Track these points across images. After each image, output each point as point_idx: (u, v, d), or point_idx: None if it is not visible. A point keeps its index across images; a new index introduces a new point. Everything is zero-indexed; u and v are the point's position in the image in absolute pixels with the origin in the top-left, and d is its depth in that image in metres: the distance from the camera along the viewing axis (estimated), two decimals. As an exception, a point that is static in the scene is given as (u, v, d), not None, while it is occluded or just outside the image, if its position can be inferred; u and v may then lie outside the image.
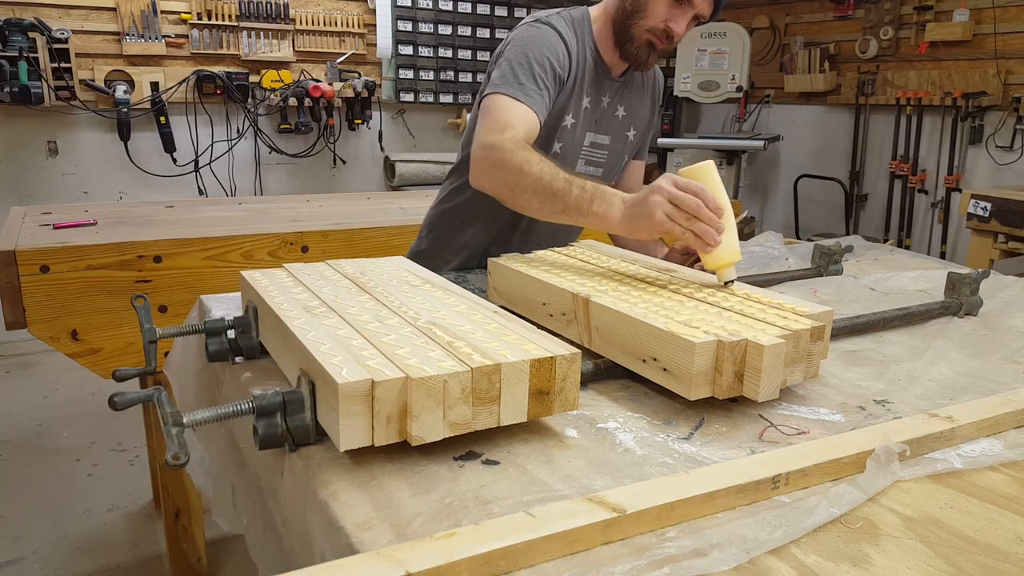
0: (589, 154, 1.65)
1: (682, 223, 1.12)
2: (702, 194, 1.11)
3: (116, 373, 1.02)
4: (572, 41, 1.52)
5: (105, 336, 1.95)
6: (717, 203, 1.11)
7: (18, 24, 3.68)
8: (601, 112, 1.62)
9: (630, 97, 1.67)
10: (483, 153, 1.35)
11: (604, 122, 1.64)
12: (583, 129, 1.61)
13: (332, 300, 1.02)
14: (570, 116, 1.56)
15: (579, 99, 1.56)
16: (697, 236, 1.12)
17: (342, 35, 4.60)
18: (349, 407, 0.73)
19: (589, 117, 1.60)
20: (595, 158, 1.66)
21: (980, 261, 3.41)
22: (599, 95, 1.60)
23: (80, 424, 3.20)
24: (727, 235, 1.12)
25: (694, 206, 1.10)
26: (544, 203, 1.27)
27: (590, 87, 1.58)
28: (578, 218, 1.25)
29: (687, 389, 0.90)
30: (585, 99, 1.58)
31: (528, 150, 1.30)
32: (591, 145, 1.64)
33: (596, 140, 1.64)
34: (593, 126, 1.62)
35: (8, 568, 2.24)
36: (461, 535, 0.62)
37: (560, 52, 1.47)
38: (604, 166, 1.68)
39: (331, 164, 4.76)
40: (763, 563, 0.64)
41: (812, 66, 5.02)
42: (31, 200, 3.99)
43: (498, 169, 1.32)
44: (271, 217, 2.41)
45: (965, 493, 0.77)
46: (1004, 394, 0.98)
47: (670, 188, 1.12)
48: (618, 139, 1.68)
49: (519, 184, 1.28)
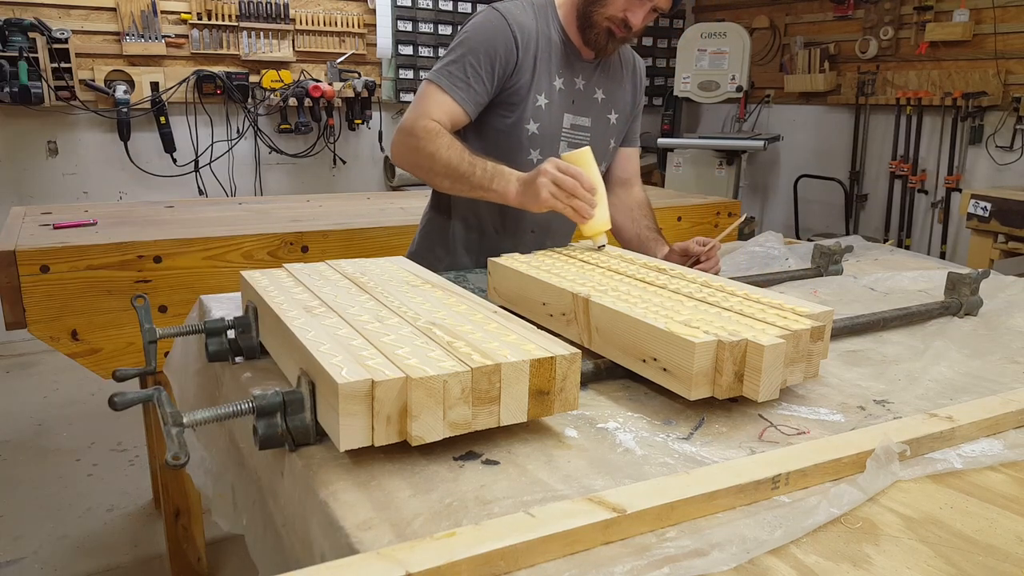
0: (570, 136, 1.68)
1: (563, 200, 1.34)
2: (579, 176, 1.33)
3: (116, 373, 1.02)
4: (529, 24, 1.58)
5: (105, 336, 1.95)
6: (591, 183, 1.35)
7: (18, 24, 3.68)
8: (577, 93, 1.66)
9: (608, 81, 1.71)
10: (402, 138, 1.53)
11: (582, 104, 1.68)
12: (559, 110, 1.64)
13: (332, 300, 1.02)
14: (542, 96, 1.61)
15: (548, 79, 1.61)
16: (575, 211, 1.35)
17: (342, 35, 4.60)
18: (349, 407, 0.73)
19: (564, 98, 1.64)
20: (577, 140, 1.69)
21: (980, 261, 3.41)
22: (572, 76, 1.64)
23: (80, 424, 3.20)
24: (599, 209, 1.37)
25: (572, 186, 1.33)
26: (454, 183, 1.49)
27: (561, 68, 1.62)
28: (482, 194, 1.46)
29: (687, 389, 0.90)
30: (557, 79, 1.62)
31: (439, 137, 1.48)
32: (571, 127, 1.68)
33: (576, 122, 1.68)
34: (571, 107, 1.66)
35: (8, 568, 2.24)
36: (461, 535, 0.62)
37: (505, 41, 1.55)
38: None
39: (331, 164, 4.76)
40: (763, 563, 0.64)
41: (812, 66, 5.02)
42: (31, 200, 3.99)
43: (413, 153, 1.52)
44: (271, 217, 2.41)
45: (965, 493, 0.77)
46: (1004, 394, 0.98)
47: (553, 171, 1.34)
48: (599, 121, 1.71)
49: (431, 168, 1.49)
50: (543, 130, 1.63)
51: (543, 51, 1.59)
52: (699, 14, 5.89)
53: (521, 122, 1.60)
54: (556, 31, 1.62)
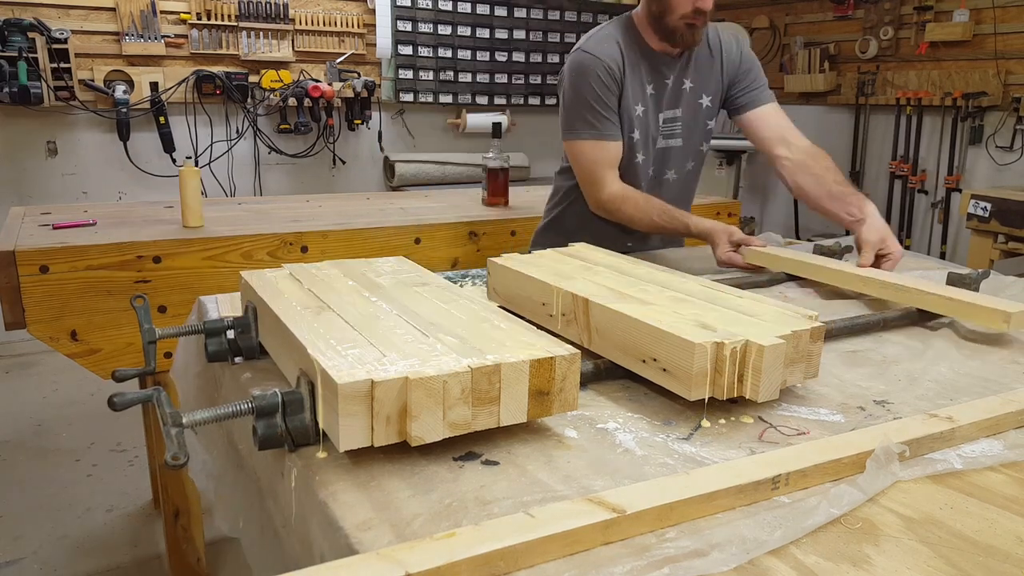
0: (666, 129, 1.85)
1: None
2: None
3: (115, 373, 1.02)
4: (614, 54, 1.74)
5: (105, 336, 1.95)
6: None
7: (17, 24, 3.67)
8: (667, 90, 1.82)
9: (696, 70, 1.83)
10: (597, 207, 1.83)
11: (672, 98, 1.83)
12: (654, 112, 1.82)
13: (331, 300, 1.02)
14: (639, 106, 1.78)
15: (642, 90, 1.78)
16: None
17: (342, 35, 4.60)
18: (349, 407, 0.73)
19: (657, 100, 1.81)
20: (672, 131, 1.86)
21: (980, 261, 3.41)
22: (661, 79, 1.80)
23: (79, 424, 3.20)
24: None
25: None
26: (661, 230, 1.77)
27: (650, 75, 1.79)
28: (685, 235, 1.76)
29: (687, 389, 0.90)
30: (648, 87, 1.79)
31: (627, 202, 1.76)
32: (665, 122, 1.84)
33: (667, 116, 1.84)
34: (663, 105, 1.83)
35: (8, 568, 2.24)
36: (461, 535, 0.62)
37: (606, 74, 1.72)
38: (682, 136, 1.88)
39: (331, 164, 4.75)
40: (763, 563, 0.64)
41: (812, 66, 5.02)
42: (30, 200, 3.99)
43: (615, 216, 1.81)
44: (270, 217, 2.41)
45: (965, 494, 0.77)
46: (1004, 394, 0.98)
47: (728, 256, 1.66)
48: (690, 109, 1.85)
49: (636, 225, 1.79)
50: (643, 134, 1.81)
51: (632, 69, 1.76)
52: (699, 14, 5.88)
53: (627, 132, 1.79)
54: (638, 44, 1.77)
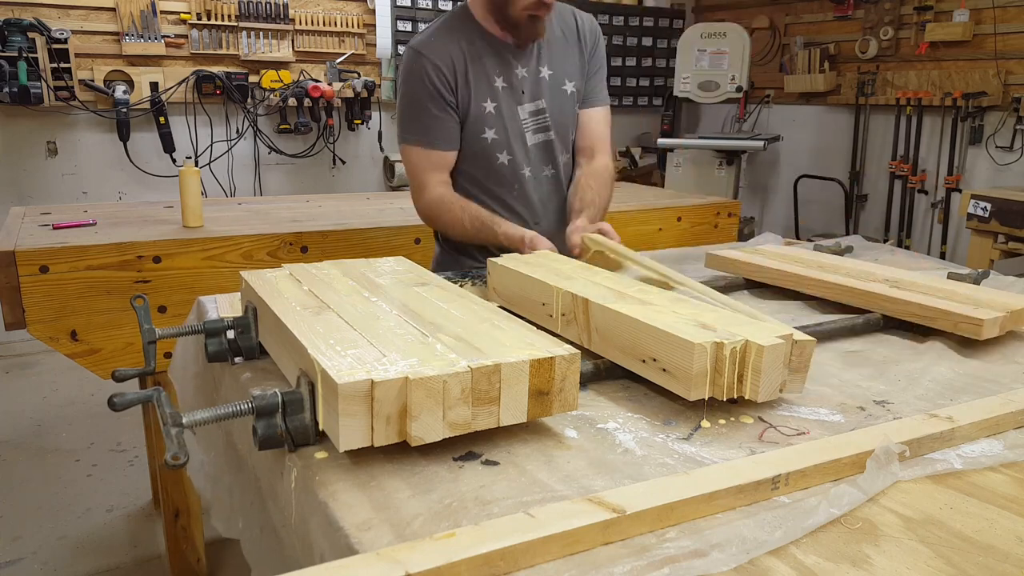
0: (534, 123, 1.71)
1: None
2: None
3: (115, 373, 1.02)
4: (448, 48, 1.63)
5: (104, 336, 1.95)
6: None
7: (17, 24, 3.67)
8: (523, 82, 1.69)
9: (552, 55, 1.72)
10: (424, 216, 1.75)
11: (532, 89, 1.70)
12: (511, 106, 1.68)
13: (331, 300, 1.02)
14: (488, 102, 1.66)
15: (487, 84, 1.66)
16: None
17: (342, 35, 4.60)
18: (349, 407, 0.73)
19: (512, 93, 1.68)
20: (539, 124, 1.72)
21: (980, 261, 3.41)
22: (510, 70, 1.67)
23: (79, 424, 3.20)
24: None
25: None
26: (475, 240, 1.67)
27: (497, 68, 1.66)
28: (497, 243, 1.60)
29: (686, 390, 0.90)
30: (497, 80, 1.66)
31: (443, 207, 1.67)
32: (529, 115, 1.70)
33: (532, 108, 1.70)
34: (521, 98, 1.69)
35: (7, 568, 2.24)
36: (461, 536, 0.62)
37: (434, 75, 1.62)
38: (553, 128, 1.74)
39: (330, 164, 4.75)
40: (763, 564, 0.64)
41: (812, 66, 5.02)
42: (30, 200, 3.99)
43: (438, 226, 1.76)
44: (270, 217, 2.40)
45: (965, 493, 0.77)
46: (1004, 394, 0.98)
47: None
48: (555, 98, 1.73)
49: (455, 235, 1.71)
50: (501, 132, 1.68)
51: (475, 63, 1.64)
52: (699, 14, 5.89)
53: (478, 133, 1.68)
54: (480, 37, 1.65)
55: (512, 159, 1.71)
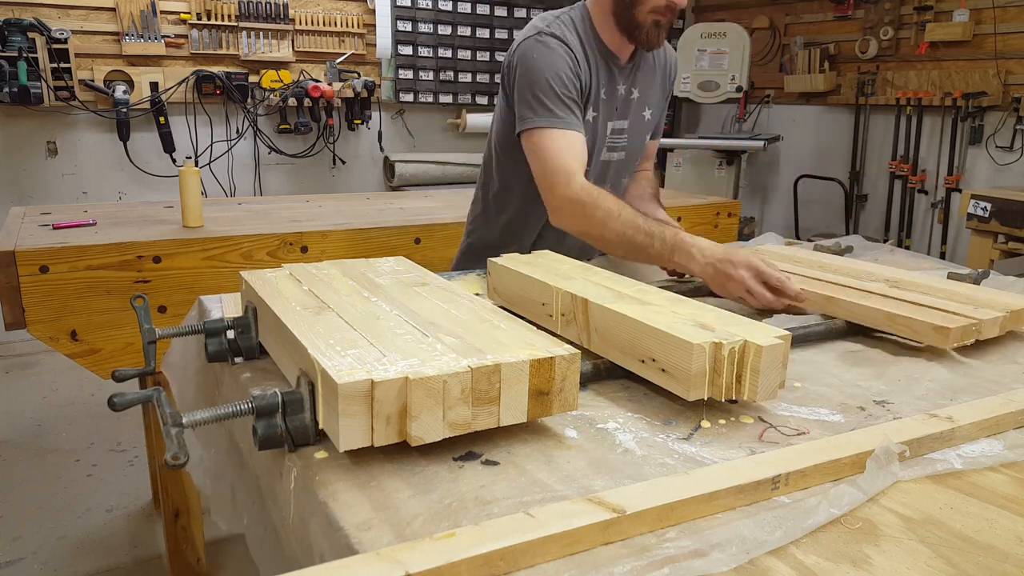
0: (611, 142, 1.70)
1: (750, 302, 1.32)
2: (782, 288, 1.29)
3: (115, 373, 1.02)
4: (577, 44, 1.57)
5: (104, 336, 1.95)
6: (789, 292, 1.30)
7: (17, 24, 3.67)
8: (618, 98, 1.66)
9: (642, 79, 1.71)
10: (563, 204, 1.50)
11: (622, 108, 1.68)
12: (604, 120, 1.65)
13: (331, 300, 1.02)
14: (591, 110, 1.62)
15: (596, 93, 1.61)
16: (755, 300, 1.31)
17: (342, 35, 4.60)
18: (349, 407, 0.73)
19: (608, 107, 1.65)
20: (617, 144, 1.71)
21: (980, 261, 3.41)
22: (613, 84, 1.64)
23: (79, 424, 3.19)
24: None
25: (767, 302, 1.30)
26: (628, 253, 1.46)
27: (603, 77, 1.62)
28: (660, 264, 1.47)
29: (685, 390, 0.90)
30: (601, 91, 1.62)
31: (606, 202, 1.45)
32: (611, 132, 1.68)
33: (616, 127, 1.69)
34: (613, 114, 1.67)
35: (7, 569, 2.24)
36: (461, 536, 0.62)
37: (570, 61, 1.53)
38: (626, 149, 1.73)
39: (330, 164, 4.75)
40: (763, 564, 0.64)
41: (812, 66, 5.02)
42: (30, 200, 3.99)
43: (582, 222, 1.48)
44: (270, 217, 2.40)
45: (965, 494, 0.77)
46: (1004, 394, 0.98)
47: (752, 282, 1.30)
48: (636, 121, 1.73)
49: (603, 237, 1.47)
50: (589, 142, 1.60)
51: (592, 64, 1.59)
52: (699, 14, 5.89)
53: None
54: (595, 43, 1.61)
55: (589, 171, 1.62)
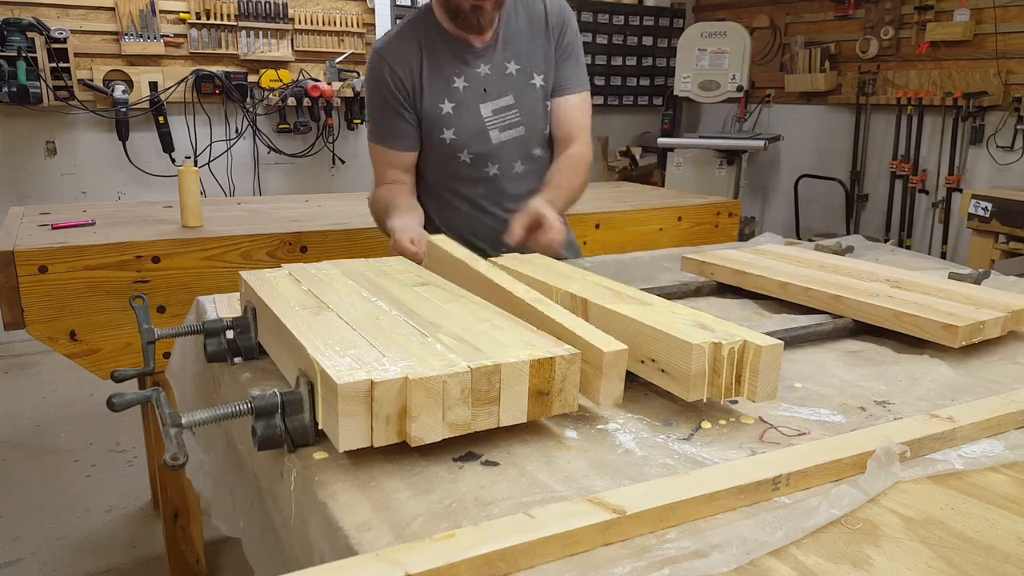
0: (500, 120, 1.70)
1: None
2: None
3: (115, 374, 1.01)
4: (407, 50, 1.65)
5: (104, 336, 1.95)
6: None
7: (17, 24, 3.67)
8: (486, 80, 1.68)
9: (518, 49, 1.69)
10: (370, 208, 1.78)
11: (496, 87, 1.69)
12: (472, 105, 1.67)
13: (331, 300, 1.02)
14: (445, 103, 1.66)
15: (446, 85, 1.66)
16: None
17: (341, 35, 4.60)
18: (348, 407, 0.73)
19: (473, 92, 1.67)
20: (507, 121, 1.71)
21: (981, 261, 3.41)
22: (471, 68, 1.67)
23: (78, 425, 3.19)
24: None
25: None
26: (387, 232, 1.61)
27: (456, 68, 1.66)
28: None
29: (685, 390, 0.90)
30: (457, 81, 1.66)
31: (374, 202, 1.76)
32: (494, 113, 1.69)
33: (497, 106, 1.69)
34: (484, 96, 1.68)
35: (7, 569, 2.24)
36: (460, 536, 0.62)
37: (390, 79, 1.65)
38: (523, 124, 1.72)
39: (330, 164, 4.75)
40: (763, 564, 0.64)
41: (812, 66, 5.02)
42: (29, 200, 3.99)
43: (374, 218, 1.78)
44: (270, 217, 2.40)
45: (966, 494, 0.77)
46: (1005, 395, 0.98)
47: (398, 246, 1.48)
48: (524, 92, 1.71)
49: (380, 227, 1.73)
50: (460, 132, 1.68)
51: (433, 66, 1.65)
52: (699, 14, 5.89)
53: (436, 134, 1.69)
54: (439, 34, 1.65)
55: (474, 157, 1.70)
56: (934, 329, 1.16)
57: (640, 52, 5.70)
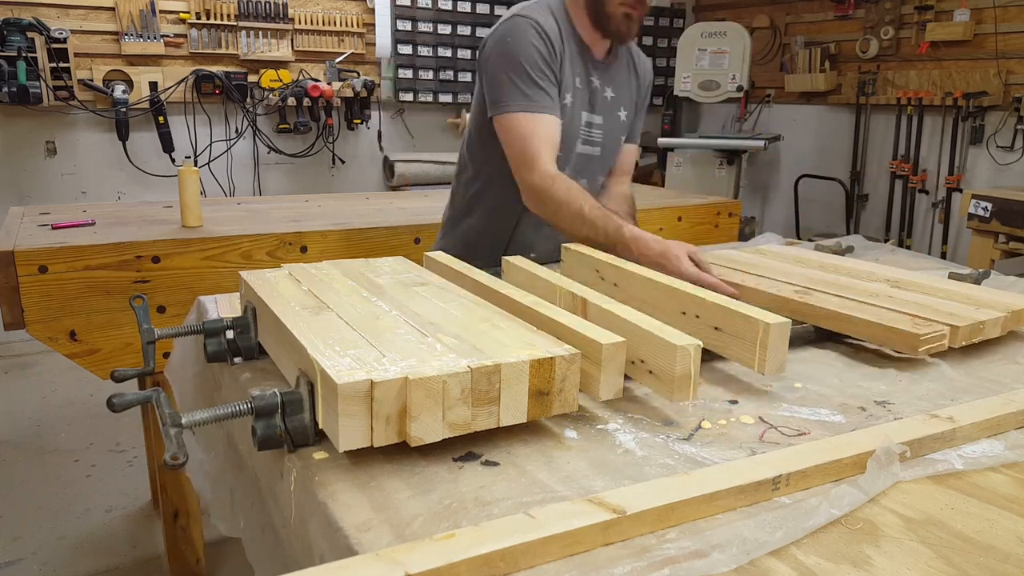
0: (586, 134, 1.71)
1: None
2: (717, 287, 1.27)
3: (115, 374, 1.01)
4: (552, 24, 1.58)
5: (104, 336, 1.95)
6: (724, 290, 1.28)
7: (17, 24, 3.67)
8: (592, 92, 1.69)
9: (616, 79, 1.74)
10: (526, 190, 1.56)
11: (596, 103, 1.70)
12: (579, 108, 1.66)
13: (331, 300, 1.02)
14: (568, 95, 1.62)
15: (571, 78, 1.63)
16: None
17: (341, 34, 4.59)
18: (348, 407, 0.73)
19: (582, 97, 1.67)
20: (592, 138, 1.72)
21: (981, 261, 3.40)
22: (587, 75, 1.67)
23: (78, 425, 3.19)
24: None
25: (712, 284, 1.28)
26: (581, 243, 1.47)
27: (578, 67, 1.64)
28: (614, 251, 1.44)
29: (669, 391, 0.89)
30: (575, 79, 1.64)
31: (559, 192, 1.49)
32: (587, 125, 1.70)
33: (591, 120, 1.71)
34: (587, 106, 1.68)
35: (7, 569, 2.24)
36: (460, 536, 0.62)
37: (543, 40, 1.55)
38: (601, 146, 1.75)
39: (330, 164, 4.75)
40: (763, 564, 0.64)
41: (812, 66, 5.02)
42: (29, 200, 3.99)
43: (541, 209, 1.56)
44: (270, 217, 2.40)
45: (966, 494, 0.77)
46: (1005, 395, 0.98)
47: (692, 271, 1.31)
48: (610, 119, 1.74)
49: (558, 226, 1.54)
50: (565, 128, 1.61)
51: (565, 51, 1.60)
52: (699, 14, 5.88)
53: None
54: (571, 32, 1.63)
55: (560, 158, 1.61)
56: (894, 339, 1.12)
57: (640, 52, 5.70)
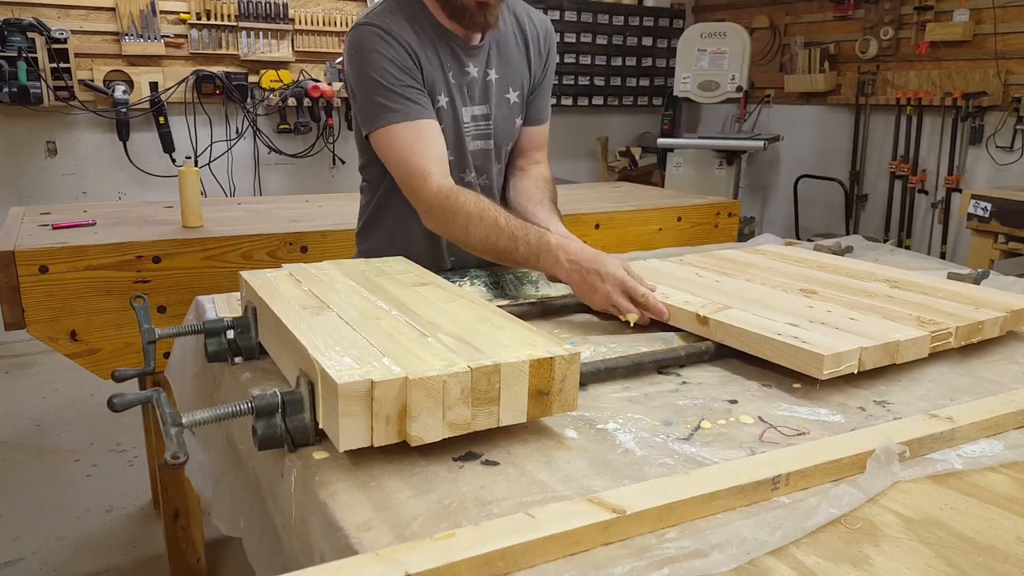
0: (474, 129, 1.57)
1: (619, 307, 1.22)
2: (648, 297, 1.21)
3: (115, 374, 1.01)
4: (401, 24, 1.45)
5: (104, 336, 1.95)
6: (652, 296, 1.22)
7: (17, 24, 3.67)
8: (470, 83, 1.54)
9: (500, 60, 1.57)
10: (424, 209, 1.42)
11: (477, 92, 1.55)
12: (459, 105, 1.53)
13: (331, 300, 1.02)
14: (442, 95, 1.50)
15: (442, 74, 1.49)
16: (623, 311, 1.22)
17: (341, 35, 4.59)
18: (348, 407, 0.73)
19: (459, 92, 1.53)
20: (480, 131, 1.58)
21: (980, 261, 3.40)
22: (461, 66, 1.52)
23: (79, 424, 3.19)
24: None
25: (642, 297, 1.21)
26: (496, 258, 1.37)
27: (448, 60, 1.50)
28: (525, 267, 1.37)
29: None
30: (448, 73, 1.50)
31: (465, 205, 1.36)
32: (471, 119, 1.56)
33: (475, 113, 1.56)
34: (467, 100, 1.54)
35: (7, 569, 2.24)
36: (460, 536, 0.62)
37: (392, 44, 1.42)
38: (492, 137, 1.60)
39: (330, 164, 4.75)
40: (763, 564, 0.64)
41: (812, 66, 5.02)
42: (30, 200, 3.99)
43: (444, 227, 1.42)
44: (270, 217, 2.40)
45: (965, 494, 0.77)
46: (1004, 395, 0.98)
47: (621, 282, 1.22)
48: (499, 105, 1.59)
49: (468, 242, 1.38)
50: (446, 132, 1.50)
51: (428, 53, 1.47)
52: (699, 14, 5.89)
53: None
54: (430, 25, 1.48)
55: (452, 162, 1.51)
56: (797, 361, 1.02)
57: (640, 52, 5.70)
